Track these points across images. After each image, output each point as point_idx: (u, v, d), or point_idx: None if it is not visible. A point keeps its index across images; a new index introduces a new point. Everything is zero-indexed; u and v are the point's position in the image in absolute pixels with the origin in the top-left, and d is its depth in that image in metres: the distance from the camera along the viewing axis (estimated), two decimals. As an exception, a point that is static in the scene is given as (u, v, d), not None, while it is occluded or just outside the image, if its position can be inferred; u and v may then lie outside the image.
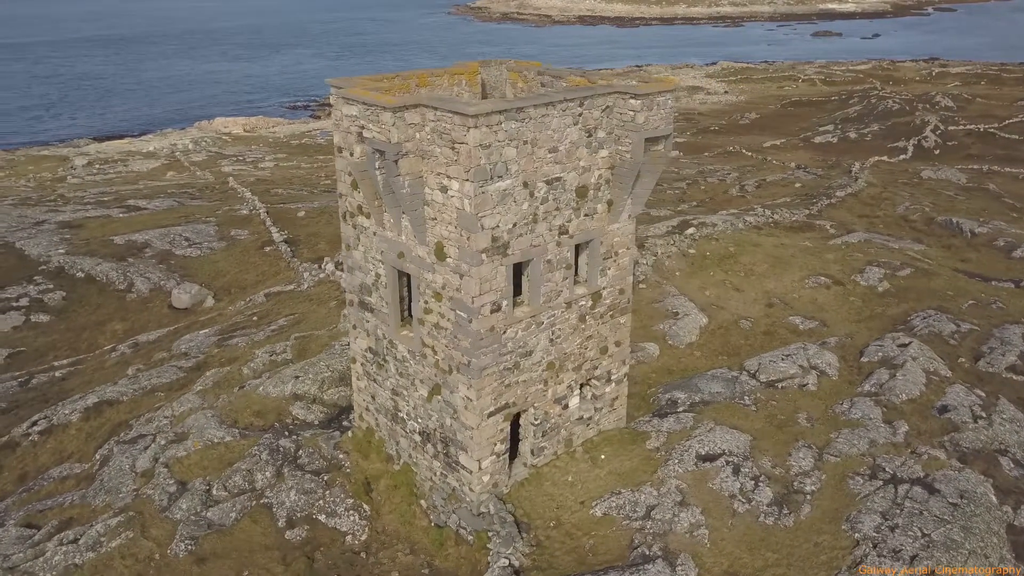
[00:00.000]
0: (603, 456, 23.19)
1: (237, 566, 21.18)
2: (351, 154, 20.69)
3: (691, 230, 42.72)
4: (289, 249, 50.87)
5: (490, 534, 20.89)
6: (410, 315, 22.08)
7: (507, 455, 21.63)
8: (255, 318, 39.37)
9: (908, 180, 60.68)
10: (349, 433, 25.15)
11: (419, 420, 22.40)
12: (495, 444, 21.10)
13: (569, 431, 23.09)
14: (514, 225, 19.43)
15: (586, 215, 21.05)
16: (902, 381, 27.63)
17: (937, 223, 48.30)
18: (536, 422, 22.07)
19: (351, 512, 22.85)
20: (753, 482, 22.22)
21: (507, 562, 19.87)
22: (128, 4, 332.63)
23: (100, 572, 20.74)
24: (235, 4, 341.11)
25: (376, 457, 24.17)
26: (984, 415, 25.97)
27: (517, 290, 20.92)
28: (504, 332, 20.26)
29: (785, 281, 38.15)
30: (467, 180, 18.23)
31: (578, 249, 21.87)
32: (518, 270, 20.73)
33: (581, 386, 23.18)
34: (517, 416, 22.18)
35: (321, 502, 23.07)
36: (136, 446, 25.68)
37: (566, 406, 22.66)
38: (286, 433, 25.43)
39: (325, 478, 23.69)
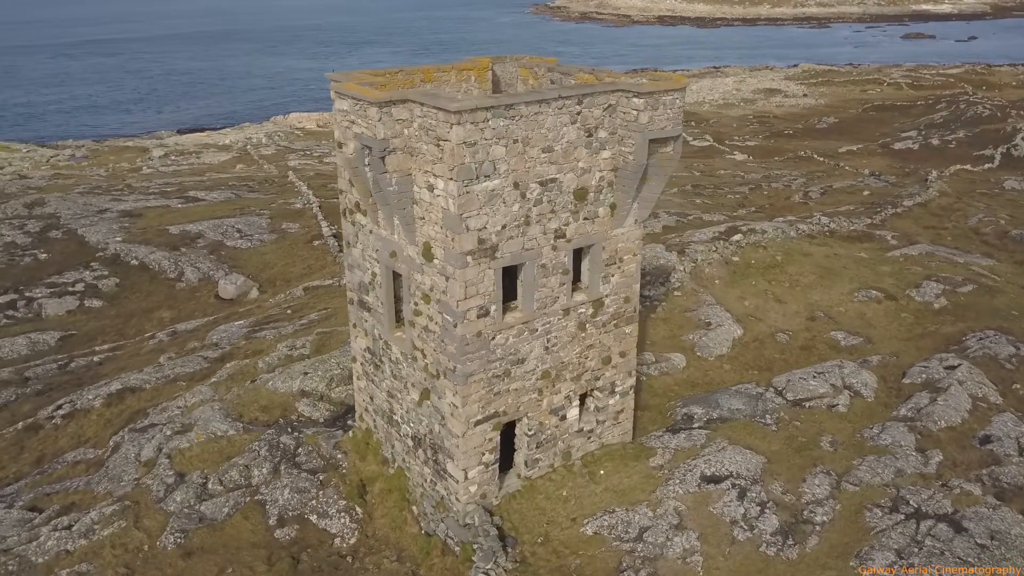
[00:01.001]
0: (602, 471, 22.16)
1: (222, 562, 21.03)
2: (348, 150, 20.24)
3: (737, 237, 40.98)
4: (337, 243, 51.14)
5: (475, 546, 20.15)
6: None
7: (496, 465, 20.84)
8: (289, 311, 39.61)
9: (988, 190, 57.07)
10: (350, 433, 24.80)
11: (411, 424, 21.84)
12: (483, 454, 20.34)
13: (567, 443, 22.14)
14: (503, 227, 18.63)
15: (586, 219, 20.07)
16: (943, 406, 25.64)
17: (1011, 237, 45.18)
18: (530, 433, 21.22)
19: (342, 514, 22.46)
20: (759, 508, 20.83)
21: (485, 577, 19.11)
22: (223, 2, 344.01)
23: (89, 560, 20.89)
24: (320, 2, 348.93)
25: (373, 459, 23.74)
26: (1032, 448, 23.86)
27: (512, 295, 20.12)
28: (493, 338, 19.48)
29: (832, 294, 36.16)
30: (451, 179, 17.54)
31: (580, 254, 20.93)
32: (514, 274, 19.93)
33: (581, 397, 22.20)
34: (513, 425, 21.40)
35: (314, 502, 22.76)
36: (146, 435, 25.92)
37: (563, 417, 21.72)
38: (289, 430, 25.25)
39: (321, 478, 23.38)
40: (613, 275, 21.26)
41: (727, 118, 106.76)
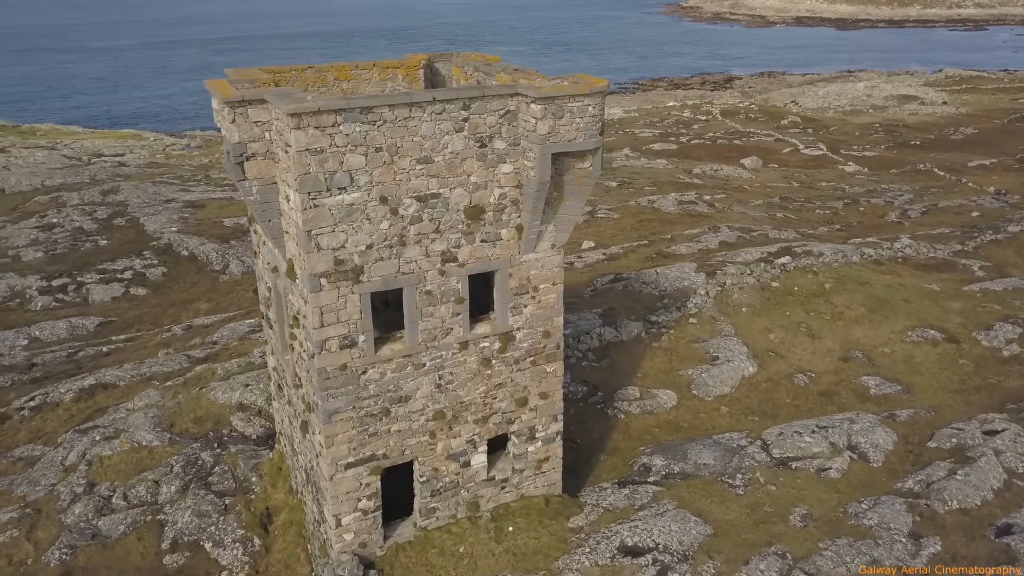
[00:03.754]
0: (511, 528, 19.36)
1: (98, 586, 19.83)
2: (235, 153, 18.47)
3: (785, 259, 36.56)
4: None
5: (346, 601, 17.94)
6: (303, 337, 19.53)
7: (378, 512, 18.48)
8: (299, 314, 38.59)
9: None
10: (270, 455, 23.14)
11: (303, 456, 19.87)
12: (359, 500, 18.06)
13: (474, 493, 19.48)
14: (369, 247, 16.29)
15: (484, 241, 17.39)
16: (961, 482, 21.19)
17: None
18: (423, 479, 18.75)
19: (237, 545, 20.79)
20: (676, 593, 17.51)
21: (334, 643, 16.87)
22: (362, 2, 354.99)
23: (-28, 569, 20.21)
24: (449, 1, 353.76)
25: (283, 486, 21.96)
26: (1067, 546, 19.15)
27: (399, 324, 17.73)
28: (364, 372, 17.17)
29: (881, 331, 31.49)
30: (296, 190, 15.39)
31: (487, 281, 18.28)
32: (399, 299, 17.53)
33: (492, 442, 19.48)
34: (411, 467, 19.02)
35: (212, 528, 21.21)
36: (85, 437, 25.21)
37: (467, 464, 19.09)
38: (215, 446, 23.88)
39: (227, 502, 21.83)
40: (526, 306, 18.44)
41: (850, 125, 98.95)
